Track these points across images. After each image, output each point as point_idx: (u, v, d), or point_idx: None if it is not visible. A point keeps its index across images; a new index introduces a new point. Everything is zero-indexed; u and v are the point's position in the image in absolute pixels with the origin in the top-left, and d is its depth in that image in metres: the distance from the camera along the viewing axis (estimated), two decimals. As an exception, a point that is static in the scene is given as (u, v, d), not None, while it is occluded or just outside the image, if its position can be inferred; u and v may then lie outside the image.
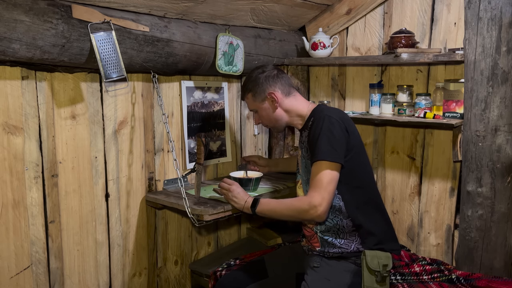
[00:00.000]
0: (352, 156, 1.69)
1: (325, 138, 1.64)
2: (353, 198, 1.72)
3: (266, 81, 1.83)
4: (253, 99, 1.87)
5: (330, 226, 1.73)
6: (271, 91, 1.82)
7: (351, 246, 1.72)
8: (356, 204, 1.72)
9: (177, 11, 1.94)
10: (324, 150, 1.63)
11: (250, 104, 1.91)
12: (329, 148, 1.63)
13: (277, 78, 1.84)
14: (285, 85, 1.84)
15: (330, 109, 1.79)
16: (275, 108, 1.84)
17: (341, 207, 1.71)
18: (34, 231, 1.74)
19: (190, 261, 2.40)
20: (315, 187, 1.62)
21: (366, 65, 2.48)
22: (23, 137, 1.68)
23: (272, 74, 1.84)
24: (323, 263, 1.75)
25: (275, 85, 1.83)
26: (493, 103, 1.95)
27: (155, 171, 2.17)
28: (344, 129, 1.67)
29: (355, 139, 1.72)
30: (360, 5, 2.40)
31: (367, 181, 1.79)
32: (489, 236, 2.03)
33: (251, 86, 1.86)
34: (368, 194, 1.77)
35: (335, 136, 1.64)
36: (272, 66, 1.92)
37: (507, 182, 1.98)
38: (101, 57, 1.64)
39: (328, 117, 1.67)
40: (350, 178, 1.70)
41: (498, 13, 1.90)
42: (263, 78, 1.83)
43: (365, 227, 1.72)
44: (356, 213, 1.71)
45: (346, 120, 1.72)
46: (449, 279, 2.00)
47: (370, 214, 1.74)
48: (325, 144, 1.63)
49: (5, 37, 1.40)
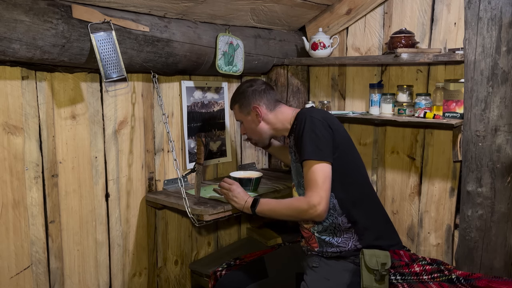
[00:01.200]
0: (340, 153, 1.70)
1: (308, 138, 1.66)
2: (347, 195, 1.72)
3: (253, 95, 1.90)
4: (239, 111, 1.95)
5: (326, 226, 1.74)
6: (256, 105, 1.89)
7: (348, 244, 1.72)
8: (350, 201, 1.73)
9: (177, 11, 1.94)
10: (309, 150, 1.65)
11: (237, 115, 1.99)
12: (313, 147, 1.64)
13: (263, 93, 1.90)
14: (270, 100, 1.91)
15: (313, 109, 1.82)
16: (259, 122, 1.91)
17: (335, 205, 1.71)
18: (34, 231, 1.74)
19: (190, 261, 2.40)
20: (311, 187, 1.63)
21: (366, 65, 2.48)
22: (23, 137, 1.68)
23: (259, 89, 1.91)
24: (322, 263, 1.75)
25: (261, 100, 1.89)
26: (493, 103, 1.95)
27: (155, 171, 2.17)
28: (327, 126, 1.68)
29: (341, 136, 1.73)
30: (360, 5, 2.40)
31: (359, 177, 1.80)
32: (489, 236, 2.03)
33: (238, 98, 1.94)
34: (361, 190, 1.78)
35: (318, 135, 1.65)
36: (262, 81, 1.98)
37: (507, 182, 1.98)
38: (101, 57, 1.64)
39: (309, 117, 1.70)
40: (341, 175, 1.70)
41: (498, 13, 1.90)
42: (250, 91, 1.91)
43: (360, 222, 1.72)
44: (351, 209, 1.72)
45: (328, 118, 1.73)
46: (449, 279, 2.00)
47: (365, 210, 1.75)
48: (309, 144, 1.65)
49: (5, 37, 1.40)
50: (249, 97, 1.90)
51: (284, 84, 2.63)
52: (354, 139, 2.58)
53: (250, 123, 1.94)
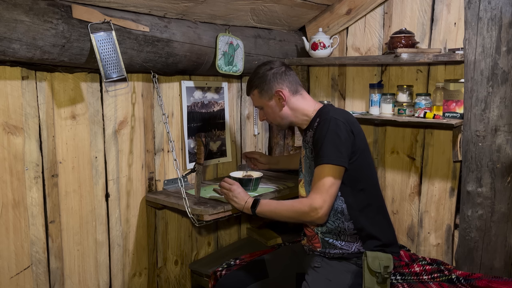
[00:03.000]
0: (357, 158, 1.68)
1: (330, 141, 1.62)
2: (356, 201, 1.71)
3: (274, 78, 1.78)
4: (259, 96, 1.82)
5: (331, 228, 1.73)
6: (279, 89, 1.77)
7: (352, 247, 1.72)
8: (358, 207, 1.71)
9: (177, 11, 1.94)
10: (329, 153, 1.61)
11: (256, 100, 1.86)
12: (334, 151, 1.61)
13: (285, 76, 1.79)
14: (293, 83, 1.80)
15: (336, 110, 1.77)
16: (282, 106, 1.79)
17: (344, 209, 1.70)
18: (34, 231, 1.74)
19: (190, 261, 2.40)
20: (317, 189, 1.62)
21: (366, 65, 2.48)
22: (23, 137, 1.68)
23: (280, 71, 1.79)
24: (324, 263, 1.74)
25: (283, 83, 1.78)
26: (493, 103, 1.95)
27: (155, 171, 2.17)
28: (349, 131, 1.65)
29: (361, 141, 1.71)
30: (360, 5, 2.40)
31: (371, 184, 1.77)
32: (489, 236, 2.03)
33: (258, 82, 1.81)
34: (371, 197, 1.76)
35: (340, 139, 1.62)
36: (280, 62, 1.86)
37: (507, 182, 1.98)
38: (101, 57, 1.64)
39: (334, 119, 1.65)
40: (354, 181, 1.69)
41: (498, 13, 1.90)
42: (271, 75, 1.78)
43: (366, 230, 1.71)
44: (358, 216, 1.70)
45: (351, 122, 1.70)
46: (449, 279, 2.00)
47: (372, 218, 1.73)
48: (330, 147, 1.62)
49: (5, 37, 1.40)
50: (270, 81, 1.77)
51: (284, 84, 2.63)
52: (354, 139, 2.58)
53: (272, 108, 1.81)
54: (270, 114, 1.85)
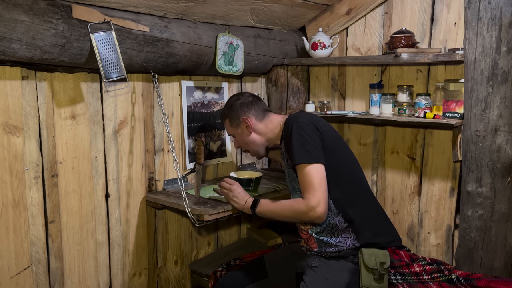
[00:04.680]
0: (330, 153, 1.70)
1: (297, 142, 1.67)
2: (341, 195, 1.73)
3: (241, 108, 1.92)
4: (230, 125, 1.97)
5: (324, 227, 1.74)
6: (245, 117, 1.91)
7: (346, 243, 1.73)
8: (345, 200, 1.73)
9: (177, 11, 1.94)
10: (299, 154, 1.66)
11: (228, 129, 2.00)
12: (303, 151, 1.65)
13: (251, 105, 1.92)
14: (259, 110, 1.93)
15: (298, 114, 1.83)
16: (250, 133, 1.92)
17: (330, 205, 1.72)
18: (34, 231, 1.74)
19: (190, 261, 2.40)
20: (308, 190, 1.64)
21: (366, 65, 2.48)
22: (23, 137, 1.68)
23: (247, 101, 1.93)
24: (321, 262, 1.75)
25: (249, 111, 1.91)
26: (493, 103, 1.95)
27: (155, 171, 2.17)
28: (314, 129, 1.69)
29: (329, 136, 1.74)
30: (360, 5, 2.40)
31: (353, 176, 1.80)
32: (489, 236, 2.03)
33: (228, 112, 1.96)
34: (355, 188, 1.78)
35: (305, 138, 1.66)
36: (249, 93, 2.01)
37: (507, 182, 1.98)
38: (101, 57, 1.64)
39: (296, 122, 1.71)
40: (334, 175, 1.71)
41: (498, 13, 1.90)
42: (238, 105, 1.93)
43: (357, 221, 1.72)
44: (346, 208, 1.72)
45: (315, 121, 1.74)
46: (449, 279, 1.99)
47: (360, 208, 1.75)
48: (298, 148, 1.66)
49: (5, 37, 1.40)
50: (237, 110, 1.92)
51: (284, 84, 2.63)
52: (354, 139, 2.58)
53: (242, 135, 1.95)
54: (240, 140, 1.98)
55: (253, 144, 1.95)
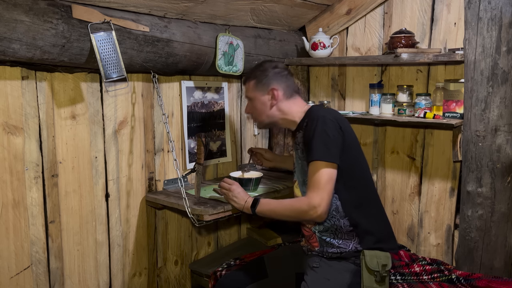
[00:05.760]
0: (348, 155, 1.69)
1: (319, 138, 1.64)
2: (350, 197, 1.71)
3: (274, 77, 1.81)
4: (254, 87, 1.84)
5: (328, 227, 1.73)
6: (275, 87, 1.80)
7: (349, 245, 1.72)
8: (353, 203, 1.72)
9: (177, 11, 1.94)
10: (319, 150, 1.63)
11: (249, 90, 1.88)
12: (323, 148, 1.63)
13: (285, 78, 1.83)
14: (289, 87, 1.84)
15: (324, 109, 1.80)
16: (272, 106, 1.82)
17: (338, 206, 1.71)
18: (34, 231, 1.74)
19: (190, 261, 2.40)
20: (313, 187, 1.62)
21: (366, 65, 2.48)
22: (23, 137, 1.68)
23: (282, 73, 1.83)
24: (322, 263, 1.75)
25: (280, 84, 1.81)
26: (493, 103, 1.95)
27: (155, 171, 2.17)
28: (338, 128, 1.67)
29: (350, 137, 1.72)
30: (360, 5, 2.40)
31: (364, 180, 1.79)
32: (489, 236, 2.03)
33: (259, 74, 1.84)
34: (365, 193, 1.77)
35: (329, 136, 1.64)
36: (285, 65, 1.90)
37: (507, 182, 1.98)
38: (101, 57, 1.64)
39: (322, 117, 1.67)
40: (346, 177, 1.69)
41: (498, 13, 1.90)
42: (272, 72, 1.82)
43: (362, 226, 1.71)
44: (353, 212, 1.71)
45: (340, 119, 1.71)
46: (449, 279, 2.00)
47: (367, 213, 1.74)
48: (319, 144, 1.63)
49: (5, 37, 1.40)
50: (270, 77, 1.81)
51: (284, 84, 2.63)
52: (354, 139, 2.58)
53: (262, 104, 1.83)
54: (257, 109, 1.86)
55: (267, 117, 1.85)
